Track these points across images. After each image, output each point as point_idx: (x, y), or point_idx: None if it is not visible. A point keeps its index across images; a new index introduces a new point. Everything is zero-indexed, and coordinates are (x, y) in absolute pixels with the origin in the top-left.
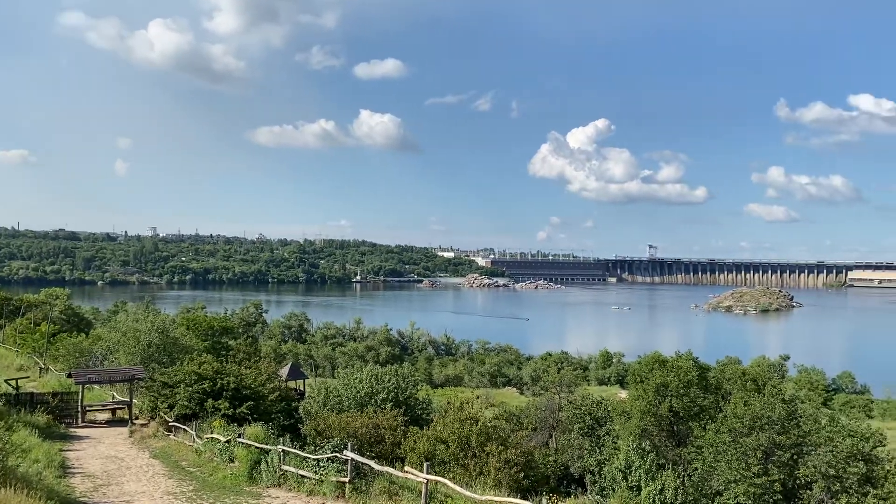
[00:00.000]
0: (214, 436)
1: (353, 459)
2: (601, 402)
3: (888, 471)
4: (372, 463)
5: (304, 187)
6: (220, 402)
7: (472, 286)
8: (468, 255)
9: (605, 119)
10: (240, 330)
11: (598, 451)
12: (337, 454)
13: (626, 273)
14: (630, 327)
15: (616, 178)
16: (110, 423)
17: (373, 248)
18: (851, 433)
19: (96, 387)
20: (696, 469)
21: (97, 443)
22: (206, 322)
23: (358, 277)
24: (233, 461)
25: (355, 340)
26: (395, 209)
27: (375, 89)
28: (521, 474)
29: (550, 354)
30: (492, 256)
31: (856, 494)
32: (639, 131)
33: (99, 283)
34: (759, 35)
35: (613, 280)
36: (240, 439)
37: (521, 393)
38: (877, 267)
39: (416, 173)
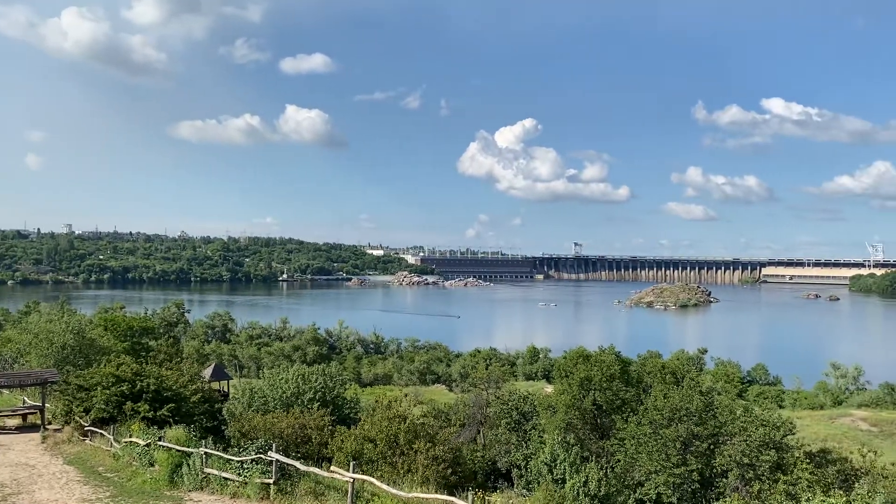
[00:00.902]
0: (133, 439)
1: (277, 460)
2: (528, 397)
3: (797, 458)
4: (297, 464)
5: (229, 184)
6: (139, 404)
7: (401, 284)
8: (398, 253)
9: (532, 119)
10: (161, 330)
11: (524, 445)
12: (261, 455)
13: (553, 270)
14: (556, 323)
15: (543, 177)
16: (21, 429)
17: (300, 246)
18: (764, 423)
19: (6, 391)
20: (619, 461)
21: (6, 450)
22: (124, 322)
23: (284, 276)
24: (153, 465)
25: (281, 340)
26: (324, 206)
27: (302, 84)
28: (449, 470)
29: (479, 351)
30: (421, 254)
31: (767, 481)
32: (565, 131)
33: (9, 282)
34: (678, 38)
35: (541, 277)
36: (160, 442)
37: (451, 390)
38: (788, 264)
39: (345, 170)
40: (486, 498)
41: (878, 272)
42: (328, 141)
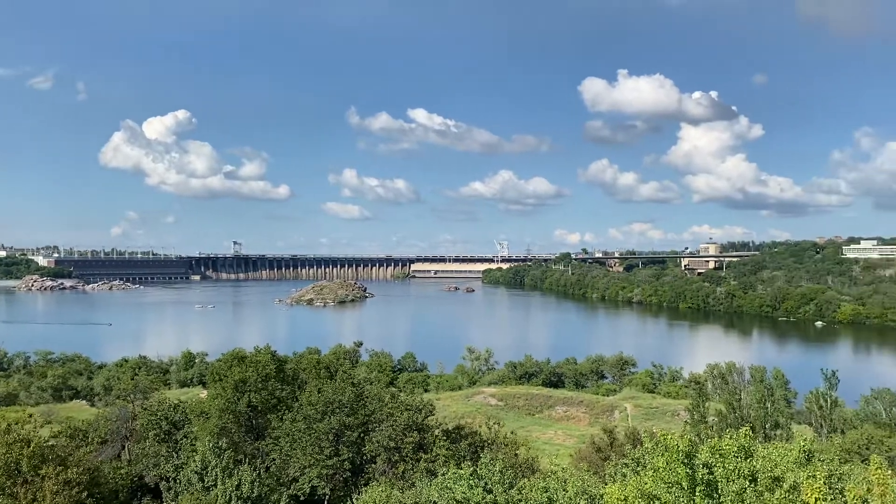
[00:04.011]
0: None
1: None
2: (179, 405)
3: (436, 436)
4: None
5: None
6: None
7: (30, 289)
8: (25, 254)
9: (185, 111)
10: None
11: (175, 455)
12: None
13: (211, 270)
14: (214, 326)
15: (198, 173)
16: None
17: None
18: (408, 407)
19: None
20: (274, 459)
21: None
22: None
23: None
24: None
25: None
26: None
27: None
28: (85, 493)
29: (127, 360)
30: (56, 255)
31: (411, 461)
32: (221, 126)
33: None
34: (334, 42)
35: (197, 278)
36: None
37: (92, 405)
38: (433, 260)
39: None
40: None
41: (504, 266)
42: None
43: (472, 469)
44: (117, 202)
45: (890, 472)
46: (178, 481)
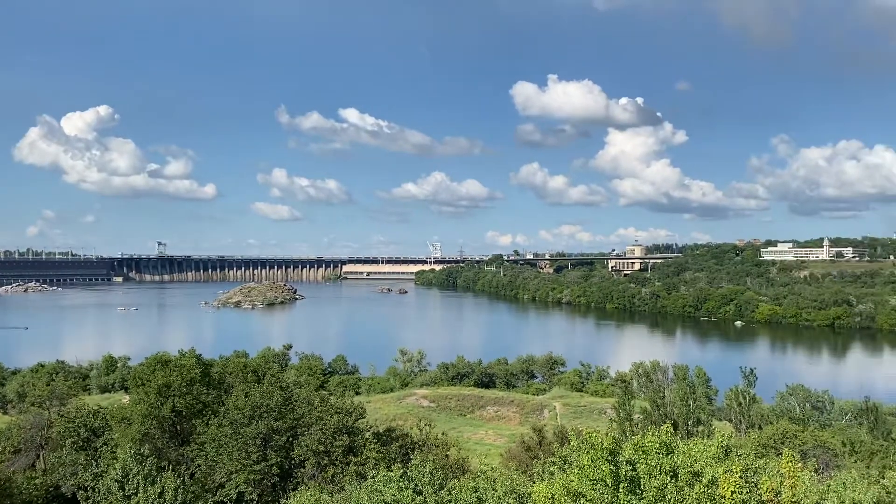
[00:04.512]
0: None
1: None
2: (99, 412)
3: (367, 439)
4: None
5: None
6: None
7: None
8: None
9: (107, 106)
10: None
11: (94, 464)
12: None
13: (134, 272)
14: (138, 329)
15: (120, 171)
16: None
17: None
18: (338, 411)
19: None
20: (199, 466)
21: None
22: None
23: None
24: None
25: None
26: None
27: None
28: None
29: (43, 365)
30: None
31: (340, 464)
32: (145, 123)
33: None
34: (263, 38)
35: (120, 279)
36: None
37: (5, 412)
38: (365, 261)
39: None
40: None
41: (437, 267)
42: None
43: (402, 471)
44: (33, 200)
45: (800, 464)
46: (97, 490)
